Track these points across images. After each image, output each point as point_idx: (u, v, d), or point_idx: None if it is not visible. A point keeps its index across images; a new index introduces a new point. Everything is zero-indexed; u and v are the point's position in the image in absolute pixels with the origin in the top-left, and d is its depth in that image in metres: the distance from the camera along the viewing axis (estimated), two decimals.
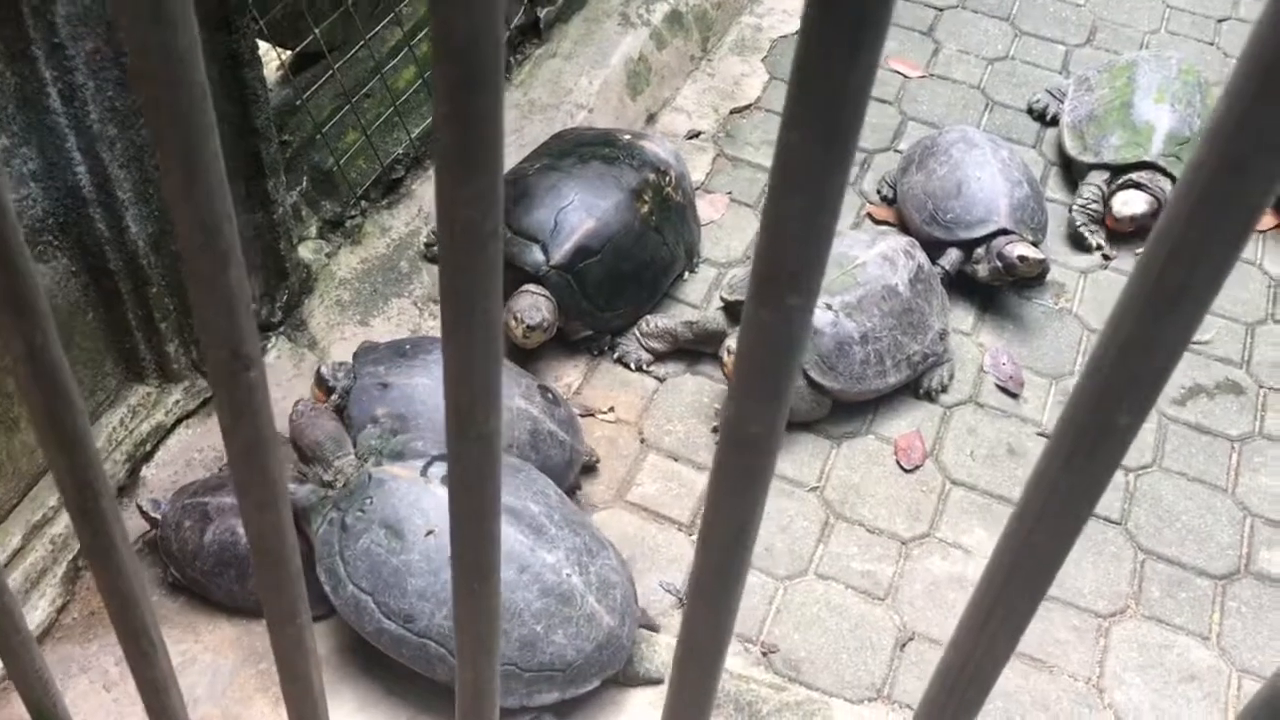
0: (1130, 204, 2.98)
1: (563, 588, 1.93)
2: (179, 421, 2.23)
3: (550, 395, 2.34)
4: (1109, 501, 2.52)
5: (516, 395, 2.27)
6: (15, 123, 1.75)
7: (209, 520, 2.04)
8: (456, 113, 0.61)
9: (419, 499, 1.96)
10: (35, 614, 1.97)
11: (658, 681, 2.07)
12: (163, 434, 2.21)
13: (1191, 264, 0.54)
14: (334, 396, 2.26)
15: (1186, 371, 2.79)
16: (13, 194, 1.78)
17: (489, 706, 1.00)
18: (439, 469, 2.00)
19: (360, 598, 1.93)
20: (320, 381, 2.28)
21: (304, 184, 2.54)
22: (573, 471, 2.31)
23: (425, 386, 2.21)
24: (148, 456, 2.19)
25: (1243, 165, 0.50)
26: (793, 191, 0.57)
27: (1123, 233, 3.03)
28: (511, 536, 1.93)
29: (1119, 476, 2.57)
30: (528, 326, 2.41)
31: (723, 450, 0.72)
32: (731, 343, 2.43)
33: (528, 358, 2.57)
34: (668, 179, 2.72)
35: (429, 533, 1.93)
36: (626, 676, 2.06)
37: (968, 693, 0.84)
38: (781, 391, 0.66)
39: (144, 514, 2.08)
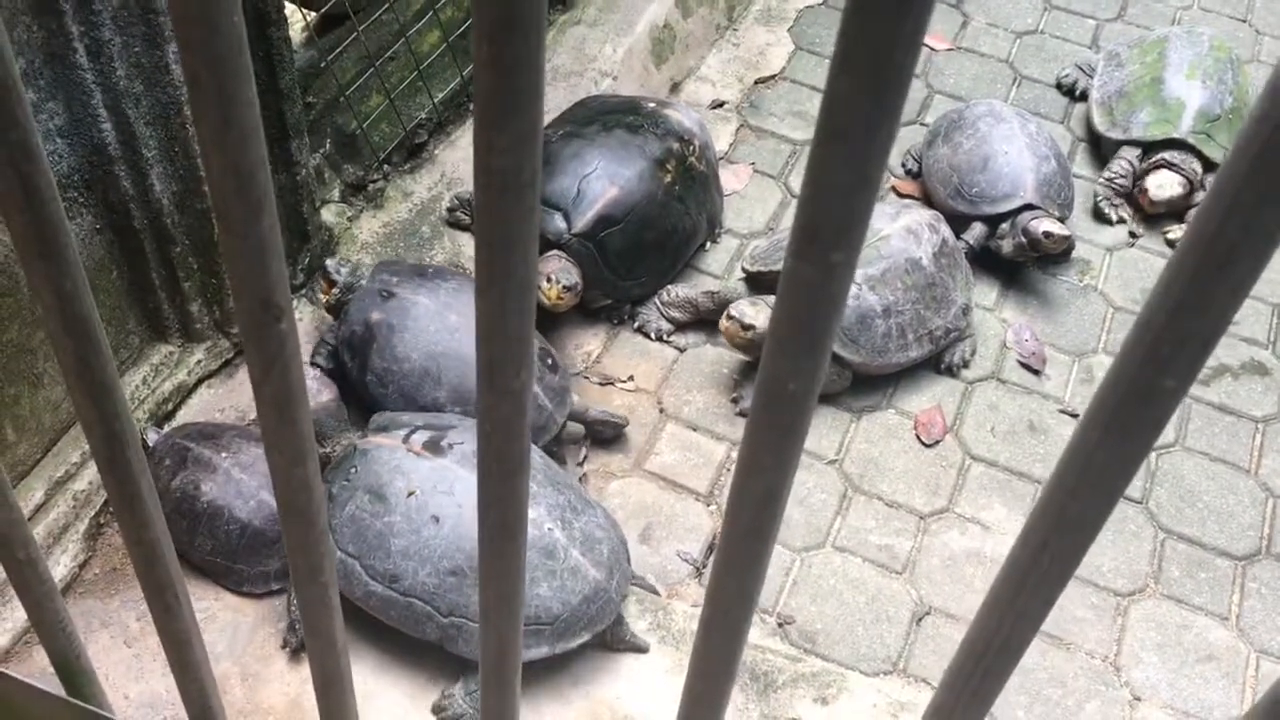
0: (1166, 187, 2.94)
1: (544, 541, 1.94)
2: (201, 381, 2.23)
3: (549, 361, 2.34)
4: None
5: None
6: (42, 77, 1.75)
7: (183, 466, 2.03)
8: (496, 56, 0.60)
9: (400, 463, 1.97)
10: (57, 569, 1.99)
11: (643, 649, 2.06)
12: (185, 393, 2.21)
13: (1246, 223, 0.53)
14: (335, 290, 2.30)
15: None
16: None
17: (512, 663, 1.00)
18: (421, 436, 2.02)
19: (348, 562, 1.95)
20: (325, 274, 2.31)
21: (327, 147, 2.53)
22: (544, 435, 2.27)
23: (424, 305, 2.25)
24: (170, 415, 2.20)
25: None
26: (839, 142, 0.56)
27: (1154, 214, 3.00)
28: None
29: None
30: (563, 287, 2.40)
31: (759, 407, 0.71)
32: (734, 309, 2.41)
33: (549, 325, 2.56)
34: (691, 148, 2.70)
35: (410, 494, 1.94)
36: (615, 638, 2.05)
37: (995, 662, 0.83)
38: (821, 350, 0.66)
39: (142, 440, 2.11)
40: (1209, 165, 2.97)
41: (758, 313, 2.40)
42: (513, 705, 1.01)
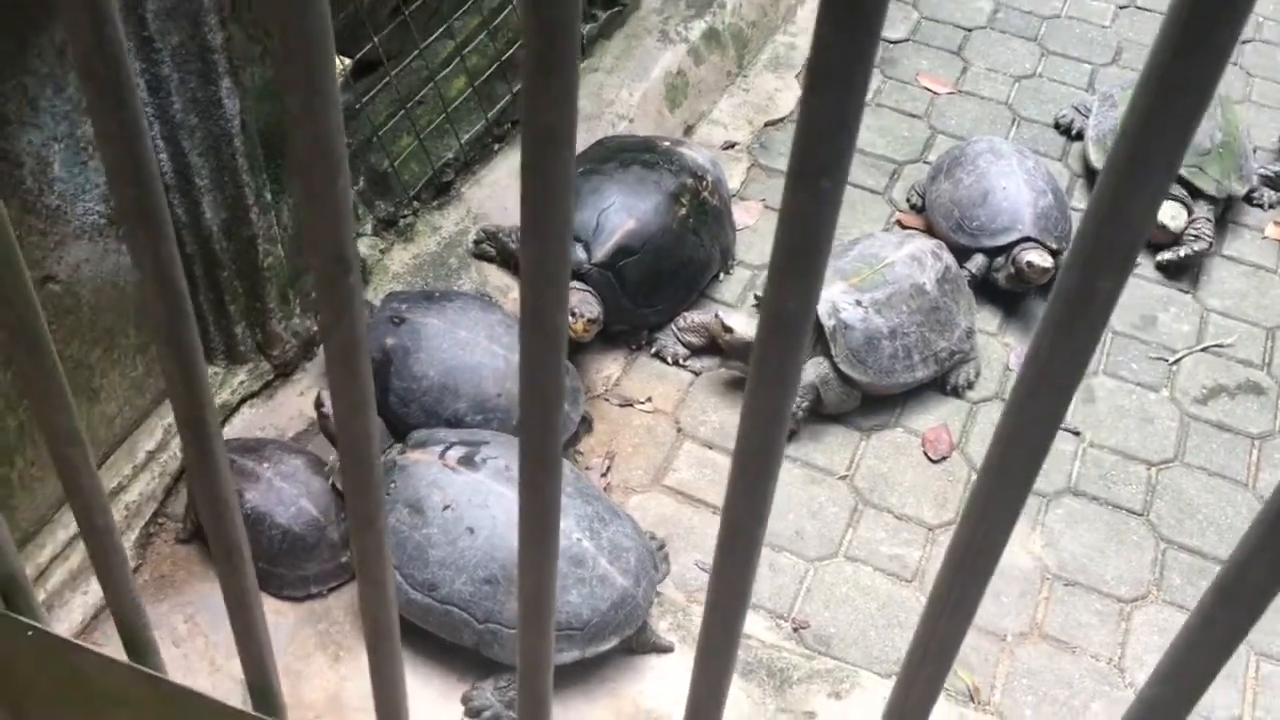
0: (1178, 218, 3.07)
1: (573, 550, 2.04)
2: (243, 401, 2.36)
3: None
4: (1131, 493, 2.60)
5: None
6: None
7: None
8: (540, 23, 0.73)
9: (437, 478, 2.09)
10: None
11: (667, 649, 2.16)
12: (228, 412, 2.34)
13: (1150, 141, 0.65)
14: None
15: (1209, 373, 2.87)
16: (101, 175, 1.93)
17: (546, 658, 1.11)
18: (456, 452, 2.13)
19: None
20: None
21: (360, 184, 2.68)
22: (562, 437, 2.40)
23: (435, 325, 2.38)
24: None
25: (1186, 51, 0.61)
26: (825, 84, 0.69)
27: (1156, 242, 3.12)
28: None
29: (1141, 470, 2.65)
30: (588, 320, 2.54)
31: (762, 330, 0.83)
32: (721, 312, 2.63)
33: (572, 351, 2.69)
34: (704, 183, 2.84)
35: (446, 507, 2.05)
36: (640, 643, 2.14)
37: (977, 563, 0.94)
38: (815, 269, 0.77)
39: None
40: (1197, 195, 3.10)
41: (740, 320, 2.60)
42: (546, 704, 1.12)
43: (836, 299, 2.60)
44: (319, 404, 2.22)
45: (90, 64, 0.85)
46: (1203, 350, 2.93)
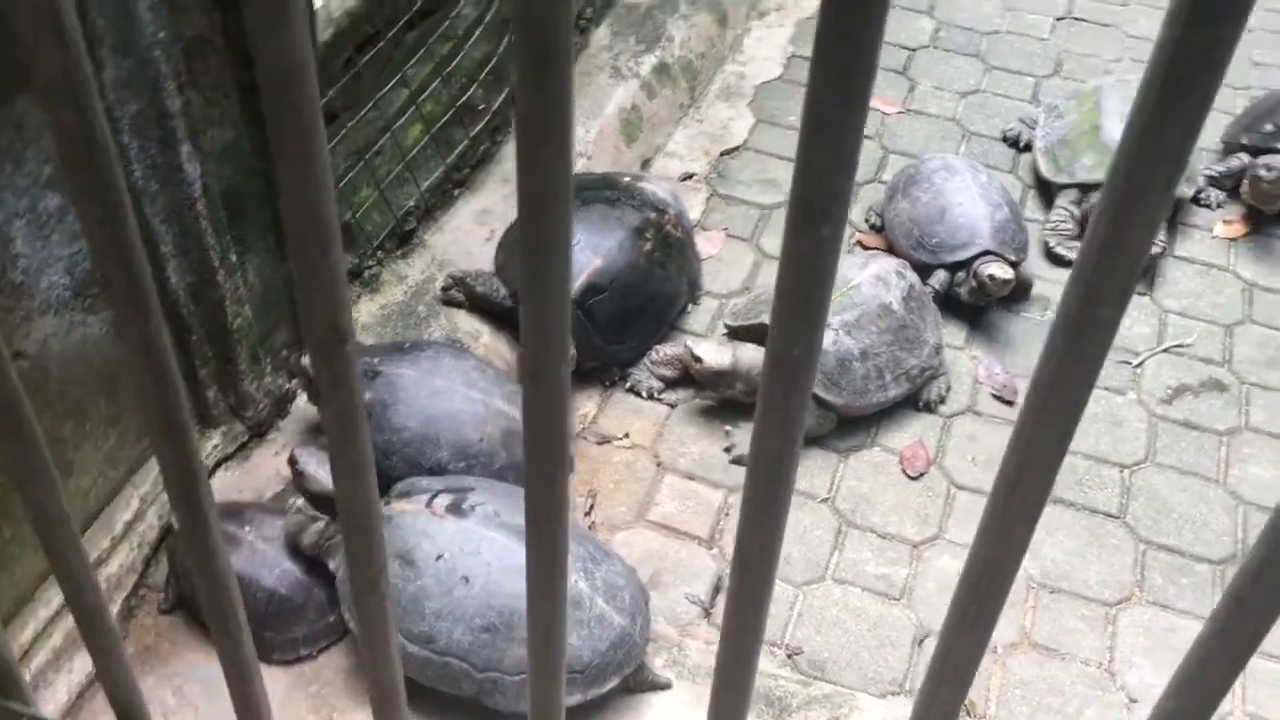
0: None
1: (570, 592, 2.02)
2: (218, 464, 2.34)
3: None
4: (1107, 497, 2.63)
5: (497, 396, 2.40)
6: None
7: None
8: (534, 80, 0.73)
9: (426, 528, 2.07)
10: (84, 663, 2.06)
11: (665, 686, 2.15)
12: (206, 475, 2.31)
13: (1150, 169, 0.67)
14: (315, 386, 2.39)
15: (1172, 373, 2.92)
16: (65, 249, 1.91)
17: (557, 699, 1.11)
18: (443, 499, 2.12)
19: None
20: (303, 371, 2.40)
21: None
22: None
23: (409, 376, 2.36)
24: None
25: (1181, 82, 0.63)
26: (821, 132, 0.70)
27: None
28: (517, 551, 2.03)
29: (1115, 473, 2.68)
30: None
31: (766, 375, 0.84)
32: (696, 348, 2.64)
33: None
34: (667, 217, 2.86)
35: (439, 557, 2.03)
36: (638, 681, 2.14)
37: (991, 588, 0.95)
38: (818, 315, 0.78)
39: (169, 524, 2.21)
40: None
41: (710, 349, 2.62)
42: None
43: None
44: (293, 461, 2.20)
45: (74, 150, 0.84)
46: (1164, 351, 2.98)
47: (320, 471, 2.17)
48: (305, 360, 2.40)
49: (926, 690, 1.05)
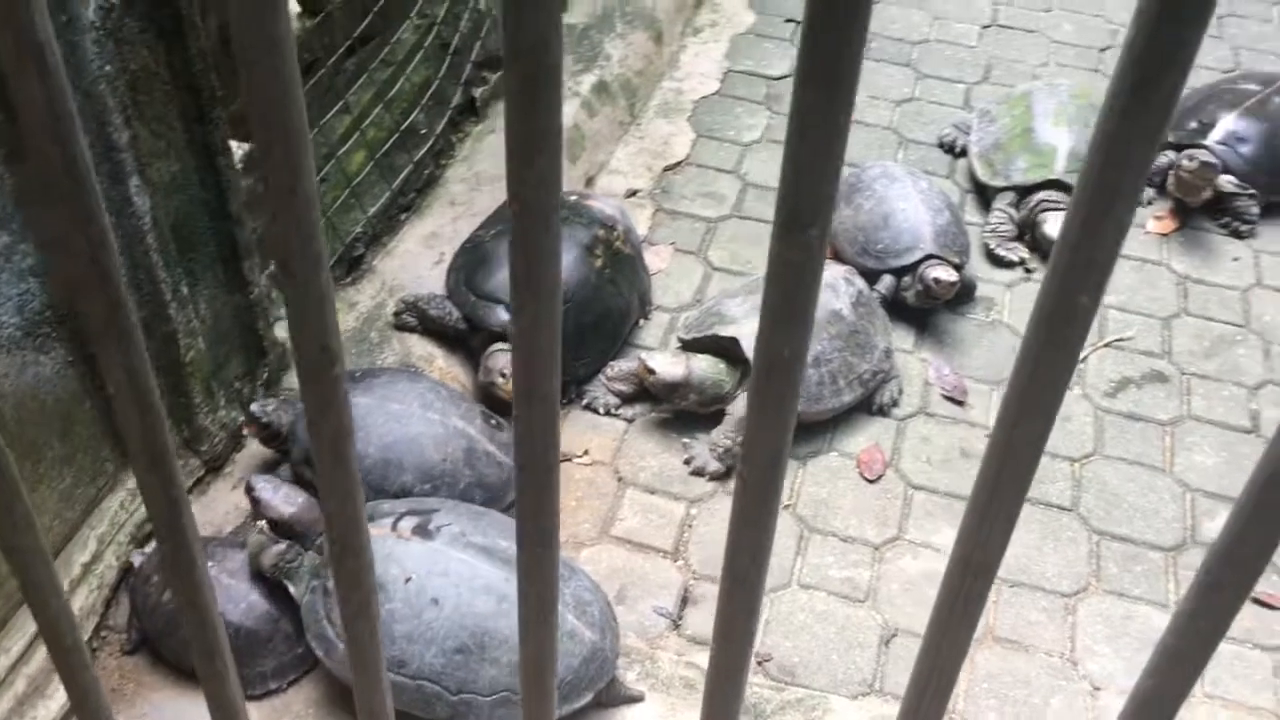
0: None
1: None
2: None
3: (494, 421, 2.48)
4: (1060, 490, 2.69)
5: (455, 416, 2.40)
6: (14, 220, 1.85)
7: None
8: (525, 103, 0.75)
9: (393, 551, 2.05)
10: (57, 695, 2.02)
11: (638, 699, 2.16)
12: None
13: (1123, 161, 0.69)
14: (268, 430, 2.36)
15: (1115, 367, 3.00)
16: (14, 288, 1.88)
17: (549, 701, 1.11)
18: (409, 521, 2.11)
19: None
20: (252, 418, 2.37)
21: (271, 267, 2.65)
22: (511, 490, 2.43)
23: (364, 404, 2.36)
24: (149, 536, 2.26)
25: (1149, 81, 0.66)
26: (806, 139, 0.72)
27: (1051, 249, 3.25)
28: (486, 571, 2.03)
29: (1065, 466, 2.74)
30: None
31: (756, 377, 0.85)
32: (649, 360, 2.66)
33: (503, 412, 2.68)
34: (616, 233, 2.88)
35: (407, 580, 2.02)
36: (610, 696, 2.14)
37: (974, 585, 0.97)
38: (806, 315, 0.80)
39: (128, 562, 2.18)
40: None
41: (663, 361, 2.64)
42: None
43: None
44: (249, 489, 2.18)
45: (56, 182, 0.84)
46: (1106, 346, 3.05)
47: (277, 498, 2.15)
48: (255, 406, 2.37)
49: (912, 693, 1.08)
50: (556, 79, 0.75)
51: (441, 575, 2.03)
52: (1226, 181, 3.35)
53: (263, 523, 2.12)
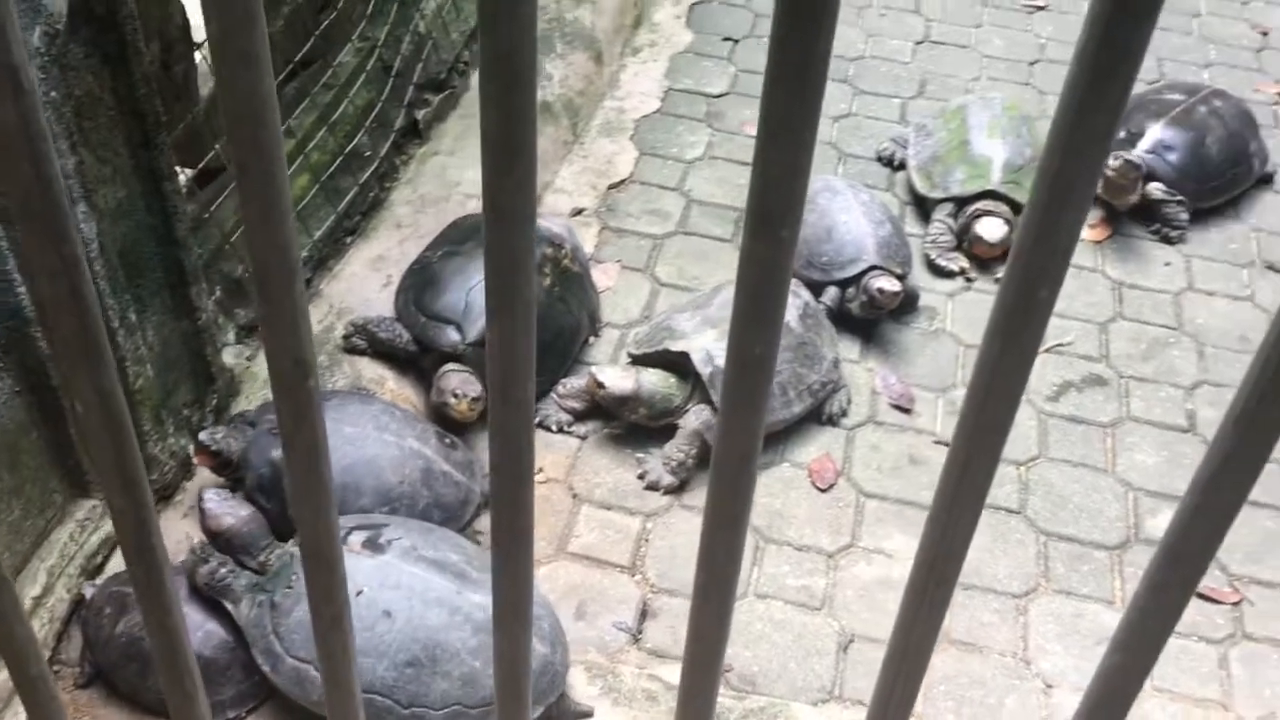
0: (994, 230, 3.27)
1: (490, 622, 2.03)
2: None
3: (448, 440, 2.49)
4: (1007, 493, 2.74)
5: (410, 437, 2.40)
6: None
7: (124, 611, 2.07)
8: (501, 112, 0.76)
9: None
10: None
11: (588, 715, 2.17)
12: (112, 545, 2.24)
13: (1079, 155, 0.73)
14: (219, 459, 2.33)
15: (1055, 371, 3.06)
16: None
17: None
18: (359, 536, 2.10)
19: (300, 668, 1.99)
20: (202, 447, 2.34)
21: (217, 293, 2.63)
22: (469, 509, 2.44)
23: None
24: (100, 568, 2.23)
25: (1104, 74, 0.69)
26: (777, 140, 0.75)
27: (987, 257, 3.32)
28: (438, 584, 2.03)
29: (1011, 470, 2.80)
30: (471, 399, 2.55)
31: (729, 374, 0.87)
32: (599, 375, 2.68)
33: (456, 433, 2.68)
34: (563, 251, 2.89)
35: (358, 593, 2.02)
36: (560, 711, 2.14)
37: (946, 569, 1.00)
38: (777, 314, 0.83)
39: (80, 594, 2.15)
40: (1018, 210, 3.33)
41: (613, 375, 2.67)
42: None
43: (710, 347, 2.68)
44: (200, 499, 2.17)
45: (29, 201, 0.84)
46: (1046, 351, 3.12)
47: (221, 508, 2.14)
48: (205, 434, 2.35)
49: (878, 700, 1.10)
50: (532, 87, 0.76)
51: (394, 588, 2.02)
52: (1156, 189, 3.45)
53: (199, 539, 2.13)
